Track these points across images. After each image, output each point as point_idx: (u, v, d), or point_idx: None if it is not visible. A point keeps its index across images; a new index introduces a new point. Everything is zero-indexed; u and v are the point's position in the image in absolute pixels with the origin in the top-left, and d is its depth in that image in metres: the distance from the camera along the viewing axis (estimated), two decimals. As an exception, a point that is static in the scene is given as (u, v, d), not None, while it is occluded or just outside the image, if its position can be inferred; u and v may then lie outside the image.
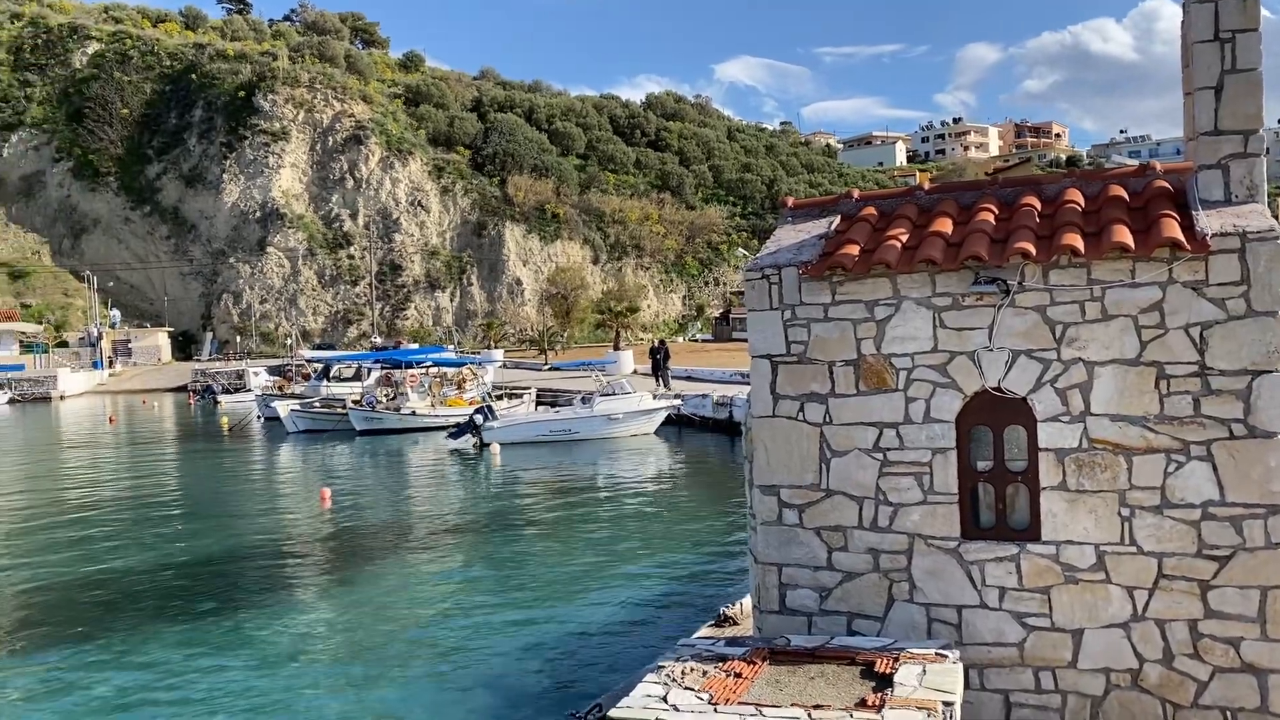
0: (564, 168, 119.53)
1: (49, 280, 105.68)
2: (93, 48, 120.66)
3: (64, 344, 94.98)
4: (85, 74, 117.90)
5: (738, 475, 25.08)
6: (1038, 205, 7.37)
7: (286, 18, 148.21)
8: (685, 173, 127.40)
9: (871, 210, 7.86)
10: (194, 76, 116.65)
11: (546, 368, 61.26)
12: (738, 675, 6.10)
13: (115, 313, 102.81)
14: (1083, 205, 7.22)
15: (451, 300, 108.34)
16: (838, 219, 7.94)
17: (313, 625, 13.36)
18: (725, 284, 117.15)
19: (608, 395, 33.32)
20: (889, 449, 7.19)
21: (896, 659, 6.25)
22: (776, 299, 7.46)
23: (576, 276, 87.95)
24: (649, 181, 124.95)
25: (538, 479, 25.74)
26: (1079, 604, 6.83)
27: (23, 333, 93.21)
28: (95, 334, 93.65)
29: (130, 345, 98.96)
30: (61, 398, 75.50)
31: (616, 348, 66.77)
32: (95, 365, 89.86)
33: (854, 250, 7.23)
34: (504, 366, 62.17)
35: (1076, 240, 6.72)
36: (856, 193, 8.23)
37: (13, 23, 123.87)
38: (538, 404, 40.82)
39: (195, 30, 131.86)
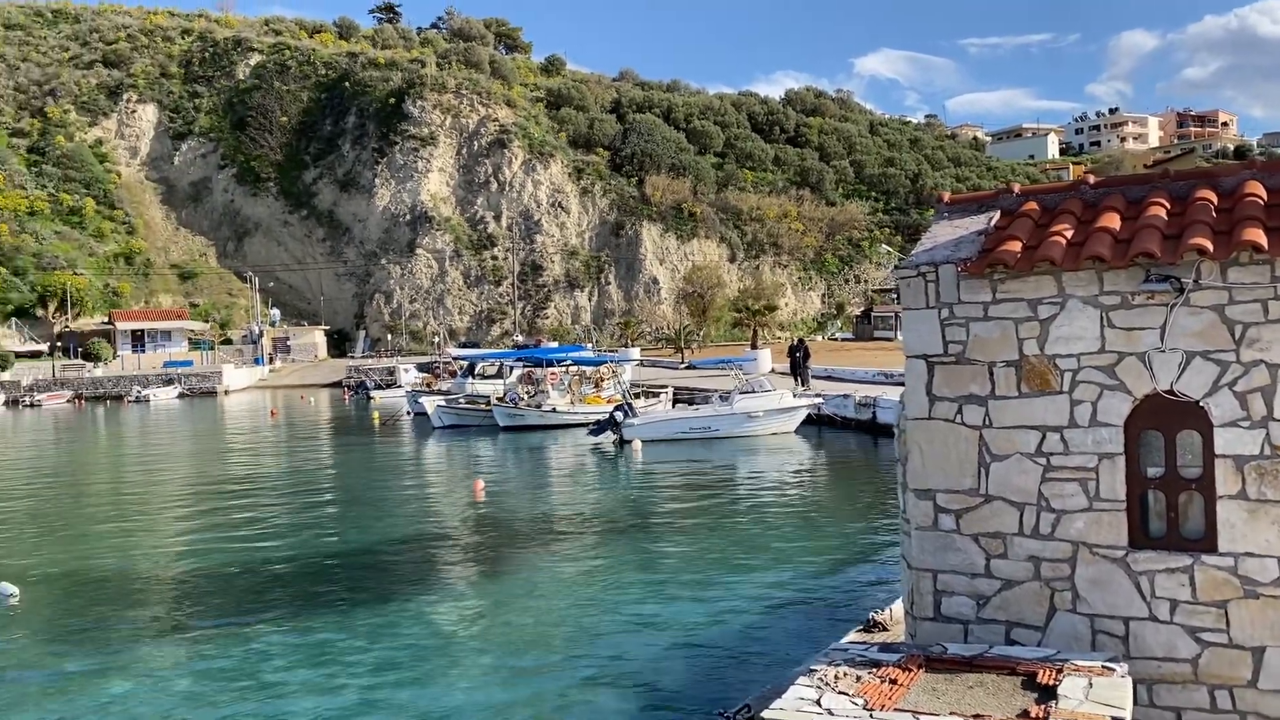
0: (701, 166, 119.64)
1: (215, 281, 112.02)
2: (254, 59, 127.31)
3: (228, 341, 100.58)
4: (248, 85, 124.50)
5: (881, 477, 24.61)
6: (1214, 199, 6.98)
7: (434, 25, 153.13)
8: (825, 168, 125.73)
9: (1034, 205, 7.60)
10: (347, 85, 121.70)
11: (683, 366, 61.44)
12: (893, 682, 6.00)
13: (275, 311, 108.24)
14: (1265, 199, 6.81)
15: (590, 299, 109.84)
16: (997, 214, 7.70)
17: (463, 615, 13.76)
18: (866, 281, 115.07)
19: (747, 393, 33.18)
20: (1052, 453, 6.93)
21: (1060, 670, 6.03)
22: (933, 297, 7.29)
23: (713, 275, 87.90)
24: (788, 178, 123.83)
25: (678, 476, 25.84)
26: (1260, 620, 6.44)
27: (191, 330, 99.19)
28: (257, 332, 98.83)
29: (289, 343, 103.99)
30: (226, 392, 79.87)
31: (754, 346, 66.45)
32: (257, 361, 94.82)
33: (1016, 247, 7.00)
34: (640, 365, 62.65)
35: (1259, 236, 6.33)
36: (1017, 187, 7.97)
37: (183, 38, 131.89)
38: (675, 402, 41.00)
39: (348, 40, 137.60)
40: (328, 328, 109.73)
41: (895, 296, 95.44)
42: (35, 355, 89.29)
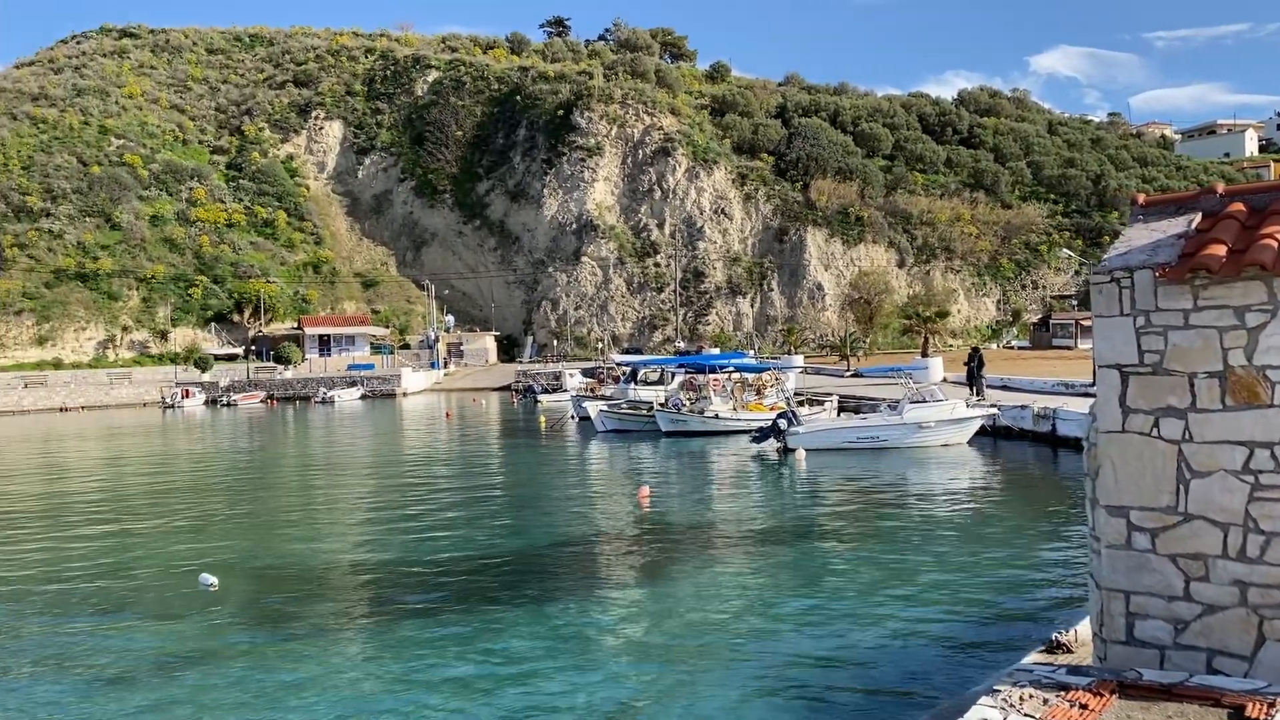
0: (869, 169, 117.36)
1: (394, 288, 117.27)
2: (432, 76, 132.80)
3: (406, 346, 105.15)
4: (426, 100, 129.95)
5: (1060, 492, 23.50)
6: None
7: (601, 37, 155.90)
8: (1001, 170, 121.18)
9: (1240, 206, 7.08)
10: (518, 98, 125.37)
11: (849, 374, 60.36)
12: (1083, 707, 5.70)
13: (450, 318, 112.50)
14: None
15: (752, 306, 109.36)
16: (1198, 216, 7.22)
17: (626, 619, 13.89)
18: (1045, 287, 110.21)
19: (917, 402, 32.28)
20: (1262, 471, 6.44)
21: (1273, 705, 5.59)
22: (1128, 304, 6.90)
23: (880, 280, 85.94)
24: (960, 180, 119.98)
25: (843, 486, 25.38)
26: None
27: (373, 335, 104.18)
28: (433, 337, 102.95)
29: (462, 348, 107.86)
30: (404, 394, 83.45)
31: (924, 354, 64.68)
32: (432, 365, 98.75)
33: (1220, 250, 6.55)
34: (804, 372, 61.89)
35: None
36: (1221, 187, 7.45)
37: (366, 57, 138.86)
38: (840, 411, 40.31)
39: (520, 54, 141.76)
40: (498, 333, 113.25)
41: (1075, 303, 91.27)
42: (232, 358, 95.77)
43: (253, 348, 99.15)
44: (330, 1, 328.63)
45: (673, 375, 46.35)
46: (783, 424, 31.67)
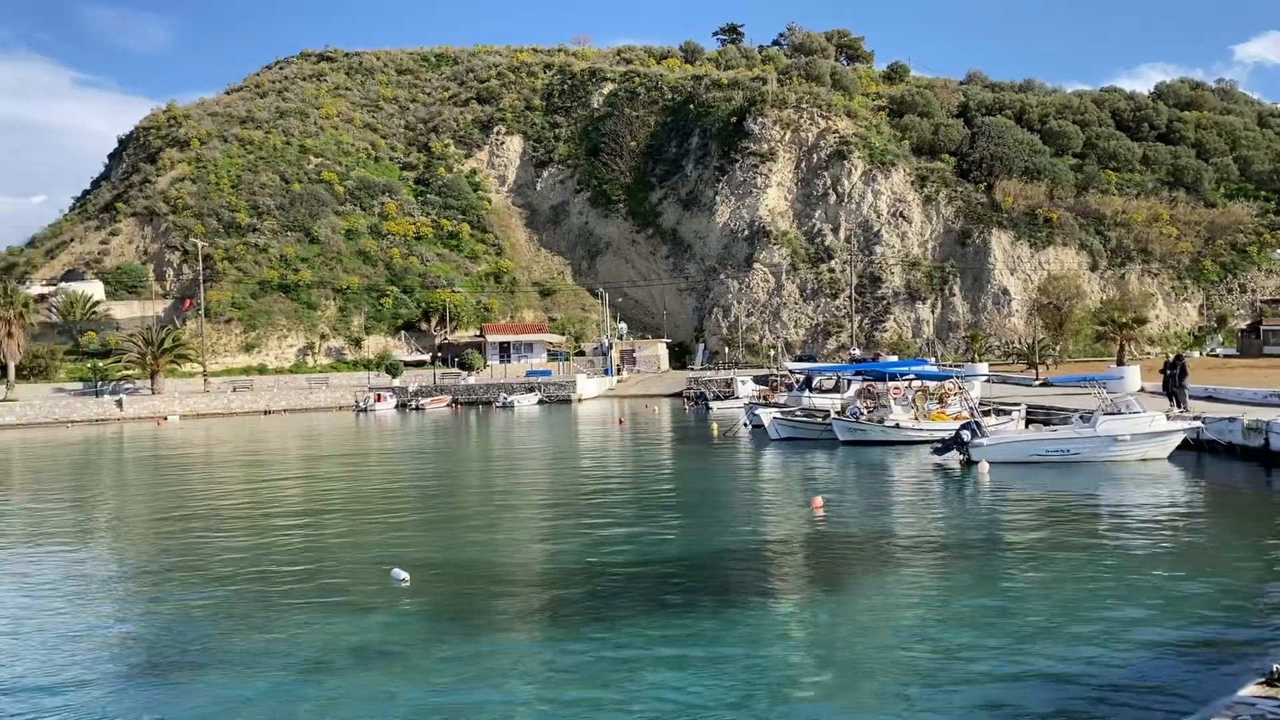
0: (1058, 169, 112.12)
1: (570, 297, 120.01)
2: (607, 88, 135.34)
3: (581, 353, 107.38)
4: (601, 112, 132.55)
5: (1274, 513, 21.67)
6: None
7: (775, 42, 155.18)
8: (1204, 167, 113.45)
9: None
10: (691, 107, 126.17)
11: (1037, 383, 57.62)
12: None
13: (623, 325, 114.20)
14: None
15: (932, 311, 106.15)
16: None
17: (798, 627, 13.61)
18: (1254, 291, 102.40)
19: (1112, 414, 30.40)
20: None
21: None
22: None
23: (1071, 285, 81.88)
24: (1158, 178, 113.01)
25: (1031, 501, 24.16)
26: None
27: (550, 343, 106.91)
28: (606, 344, 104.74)
29: (635, 355, 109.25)
30: (579, 400, 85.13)
31: (1120, 362, 61.25)
32: (606, 372, 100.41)
33: None
34: (988, 381, 59.54)
35: None
36: None
37: (545, 72, 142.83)
38: (1027, 422, 38.47)
39: (693, 63, 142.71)
40: (670, 341, 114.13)
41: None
42: (419, 364, 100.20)
43: (439, 354, 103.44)
44: (511, 20, 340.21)
45: (849, 383, 45.42)
46: (966, 435, 30.46)
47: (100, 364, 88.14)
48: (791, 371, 62.27)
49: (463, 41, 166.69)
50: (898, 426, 37.54)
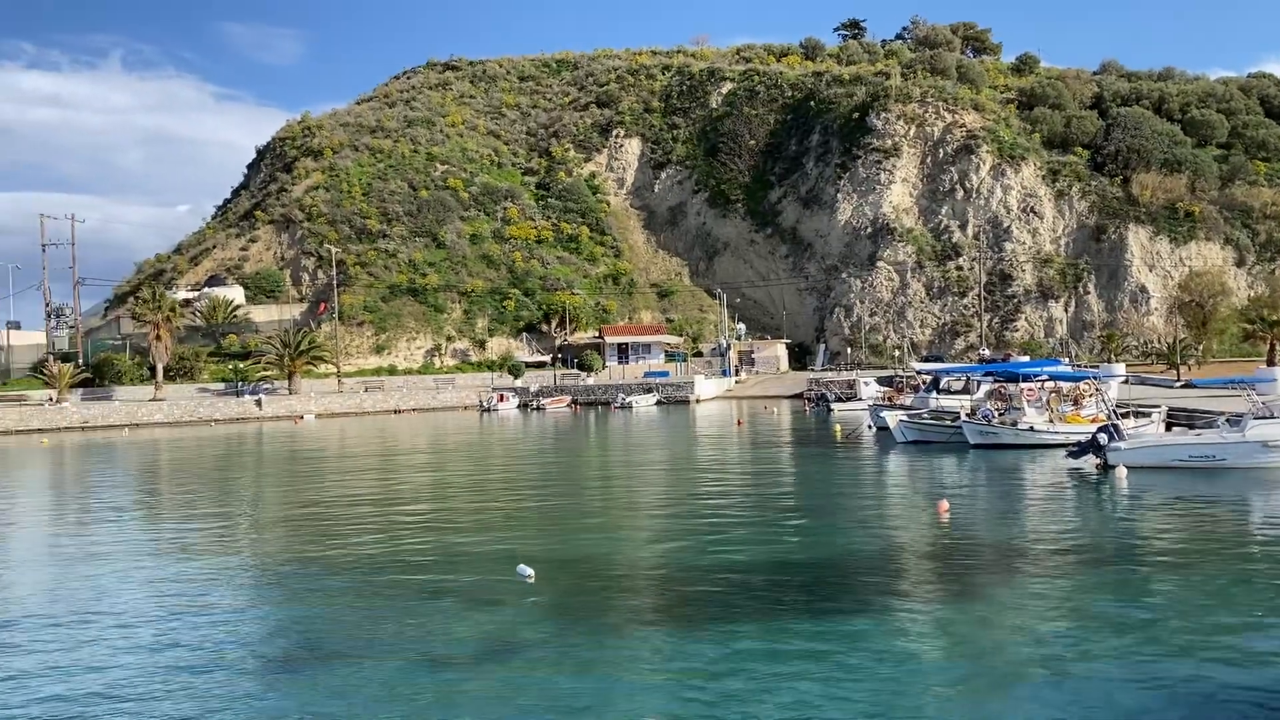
0: (1200, 160, 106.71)
1: (688, 298, 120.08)
2: (726, 88, 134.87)
3: (699, 354, 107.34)
4: (720, 112, 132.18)
5: None
6: None
7: (899, 36, 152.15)
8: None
9: None
10: (812, 104, 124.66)
11: (1178, 384, 54.89)
12: None
13: (741, 326, 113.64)
14: None
15: (1066, 310, 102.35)
16: None
17: (921, 633, 13.21)
18: None
19: (1263, 418, 28.68)
20: None
21: None
22: None
23: (1215, 281, 77.86)
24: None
25: (1173, 511, 22.97)
26: None
27: (668, 344, 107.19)
28: (724, 345, 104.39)
29: (753, 355, 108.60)
30: (697, 401, 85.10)
31: (1271, 363, 58.00)
32: (724, 373, 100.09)
33: None
34: (1125, 382, 56.98)
35: None
36: None
37: (663, 74, 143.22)
38: (1169, 425, 36.65)
39: (814, 60, 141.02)
40: (789, 341, 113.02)
41: None
42: (540, 365, 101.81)
43: (558, 355, 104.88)
44: (631, 23, 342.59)
45: (978, 384, 44.10)
46: (1103, 438, 29.15)
47: (241, 365, 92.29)
48: (918, 372, 60.75)
49: (583, 46, 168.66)
50: (1031, 429, 36.25)
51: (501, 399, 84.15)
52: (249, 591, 17.22)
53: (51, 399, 79.24)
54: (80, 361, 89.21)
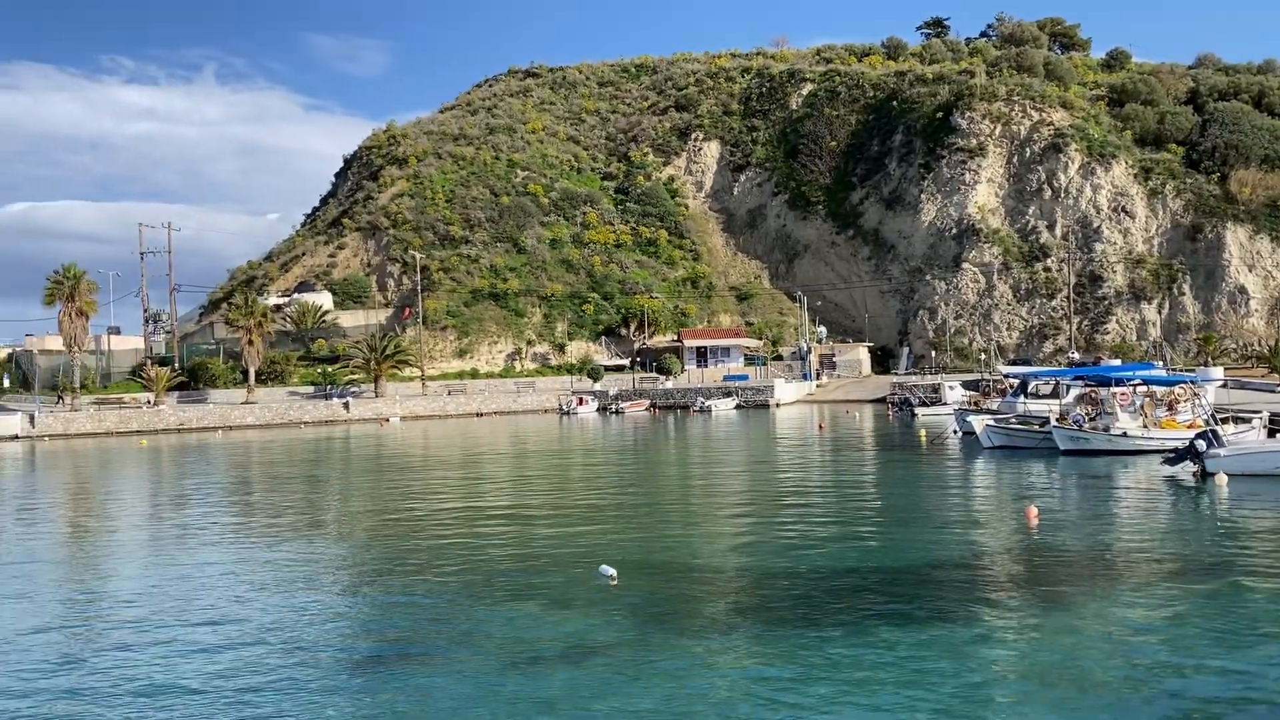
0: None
1: (767, 301, 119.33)
2: (806, 89, 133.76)
3: (779, 357, 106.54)
4: (800, 114, 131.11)
5: None
6: None
7: (983, 34, 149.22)
8: None
9: None
10: (894, 104, 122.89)
11: (1281, 388, 52.83)
12: None
13: (822, 329, 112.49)
14: None
15: (1159, 312, 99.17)
16: None
17: (1007, 642, 12.96)
18: None
19: (1373, 424, 27.47)
20: None
21: None
22: None
23: (1321, 282, 74.58)
24: None
25: (1274, 518, 22.12)
26: None
27: (747, 347, 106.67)
28: (805, 348, 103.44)
29: (834, 359, 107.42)
30: (777, 405, 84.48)
31: (1379, 366, 55.23)
32: (804, 377, 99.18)
33: None
34: (1224, 386, 55.04)
35: None
36: None
37: (743, 76, 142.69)
38: (1271, 431, 35.29)
39: (896, 59, 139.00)
40: (871, 344, 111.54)
41: None
42: (619, 369, 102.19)
43: (637, 359, 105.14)
44: (710, 26, 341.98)
45: (1067, 388, 42.99)
46: (1201, 445, 28.20)
47: (329, 369, 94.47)
48: (1005, 376, 59.45)
49: (662, 51, 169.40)
50: (1124, 435, 35.21)
51: (581, 402, 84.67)
52: (342, 592, 17.64)
53: (149, 401, 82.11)
54: (176, 365, 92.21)
